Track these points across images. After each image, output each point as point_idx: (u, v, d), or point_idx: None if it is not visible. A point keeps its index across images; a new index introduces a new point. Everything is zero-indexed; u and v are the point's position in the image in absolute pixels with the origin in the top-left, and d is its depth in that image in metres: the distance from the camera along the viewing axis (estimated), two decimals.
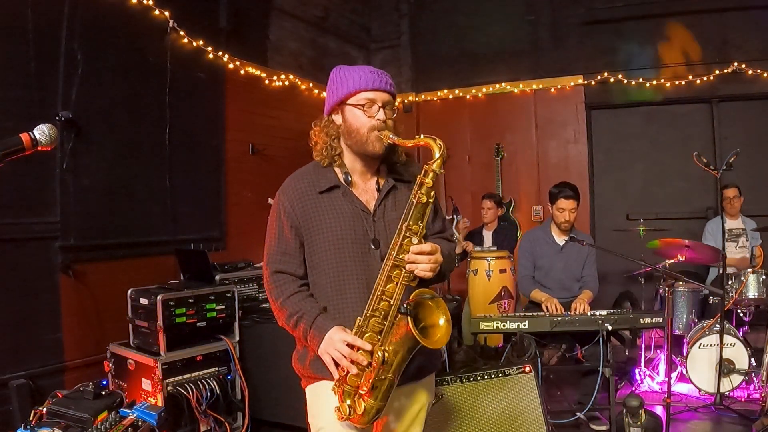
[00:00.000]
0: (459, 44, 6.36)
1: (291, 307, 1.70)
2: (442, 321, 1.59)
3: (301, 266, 1.75)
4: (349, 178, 1.75)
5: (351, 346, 1.58)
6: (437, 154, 1.62)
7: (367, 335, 1.60)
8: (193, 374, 3.15)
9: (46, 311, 3.25)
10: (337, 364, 1.61)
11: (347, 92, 1.69)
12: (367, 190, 1.77)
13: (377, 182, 1.79)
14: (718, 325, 3.73)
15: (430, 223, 1.81)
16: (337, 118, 1.75)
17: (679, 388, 4.00)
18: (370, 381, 1.56)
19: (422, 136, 1.66)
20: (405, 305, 1.54)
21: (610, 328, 3.27)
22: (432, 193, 1.63)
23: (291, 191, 1.75)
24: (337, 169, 1.76)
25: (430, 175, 1.61)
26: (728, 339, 3.72)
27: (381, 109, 1.68)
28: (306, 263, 1.76)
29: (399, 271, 1.61)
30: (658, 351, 4.32)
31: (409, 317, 1.51)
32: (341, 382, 1.62)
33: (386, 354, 1.55)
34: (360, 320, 1.61)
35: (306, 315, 1.68)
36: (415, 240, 1.60)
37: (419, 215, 1.62)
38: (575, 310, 3.52)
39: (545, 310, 3.60)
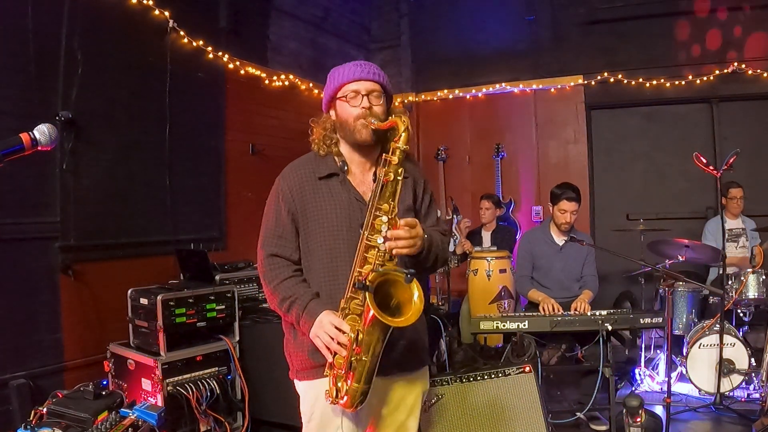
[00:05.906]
0: (459, 44, 6.34)
1: (284, 291, 1.73)
2: (416, 297, 1.55)
3: (296, 251, 1.79)
4: (346, 167, 1.80)
5: (338, 329, 1.60)
6: (401, 129, 1.61)
7: (349, 317, 1.61)
8: (193, 374, 3.15)
9: (46, 311, 3.25)
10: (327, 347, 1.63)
11: (335, 87, 1.79)
12: (364, 181, 1.82)
13: (375, 174, 1.81)
14: (718, 325, 3.73)
15: (422, 216, 1.87)
16: (332, 114, 1.84)
17: (679, 388, 3.99)
18: (346, 361, 1.57)
19: (393, 116, 1.69)
20: (362, 280, 1.52)
21: (610, 328, 3.28)
22: (400, 171, 1.60)
23: (291, 177, 1.81)
24: (335, 158, 1.82)
25: (397, 152, 1.60)
26: (728, 339, 3.72)
27: (364, 98, 1.74)
28: (300, 249, 1.79)
29: (373, 251, 1.61)
30: (658, 351, 4.32)
31: (366, 292, 1.48)
32: (333, 366, 1.63)
33: (360, 334, 1.54)
34: (343, 302, 1.64)
35: (299, 300, 1.70)
36: (384, 218, 1.59)
37: (389, 194, 1.60)
38: (575, 310, 3.52)
39: (541, 310, 3.60)
